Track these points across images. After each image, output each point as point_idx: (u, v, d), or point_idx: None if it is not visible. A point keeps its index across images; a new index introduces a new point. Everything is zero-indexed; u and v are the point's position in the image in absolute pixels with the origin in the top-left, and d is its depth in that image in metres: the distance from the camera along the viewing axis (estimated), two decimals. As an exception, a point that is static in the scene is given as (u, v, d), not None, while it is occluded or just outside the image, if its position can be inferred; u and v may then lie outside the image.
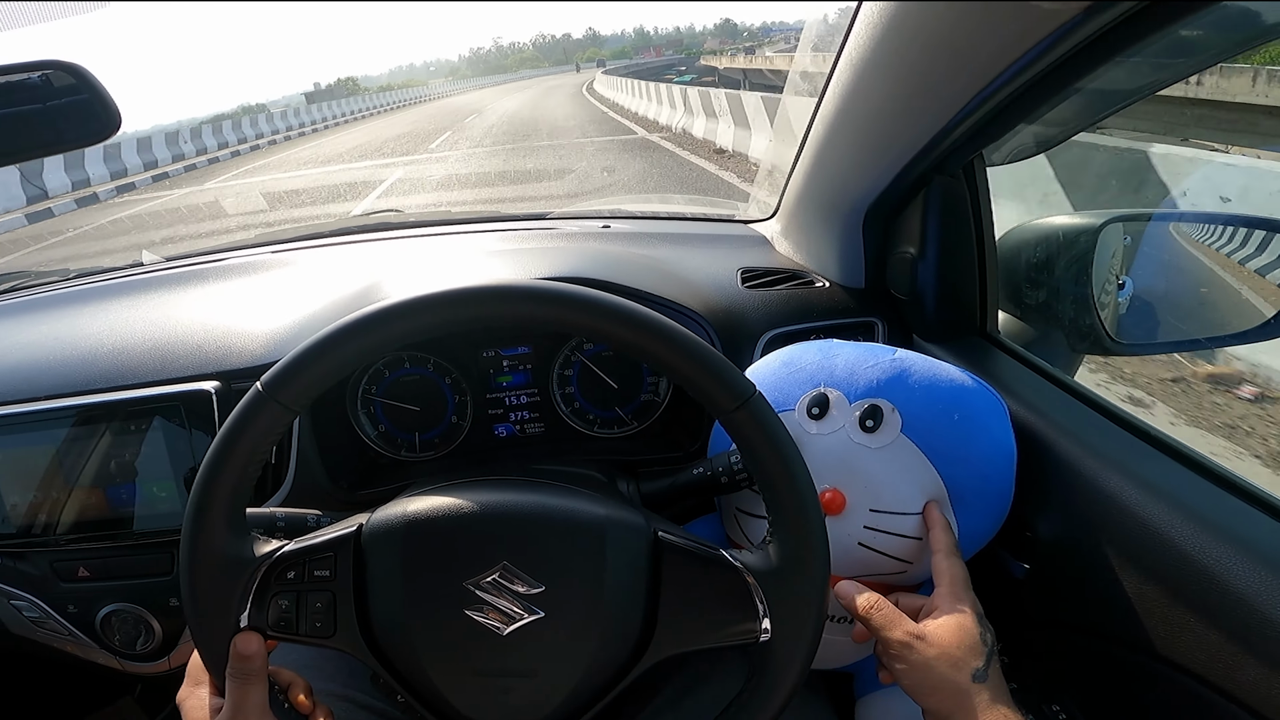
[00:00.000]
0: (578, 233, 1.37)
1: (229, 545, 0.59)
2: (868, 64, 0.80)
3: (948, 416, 0.76)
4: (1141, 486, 0.68)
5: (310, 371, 0.59)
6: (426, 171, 11.32)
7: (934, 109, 0.77)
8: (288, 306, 1.09)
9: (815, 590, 0.60)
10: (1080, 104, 0.75)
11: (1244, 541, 0.60)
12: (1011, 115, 0.75)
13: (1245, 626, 0.57)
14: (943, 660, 0.64)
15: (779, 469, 0.60)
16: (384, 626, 0.60)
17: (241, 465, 0.59)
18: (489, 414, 1.08)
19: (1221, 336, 1.04)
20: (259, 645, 0.59)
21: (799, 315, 1.03)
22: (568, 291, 0.60)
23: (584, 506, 0.62)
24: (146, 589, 1.02)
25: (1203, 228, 1.16)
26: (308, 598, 0.60)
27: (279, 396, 0.59)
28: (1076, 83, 0.67)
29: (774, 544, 0.60)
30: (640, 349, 0.60)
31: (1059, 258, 0.99)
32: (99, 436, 0.99)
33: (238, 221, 3.85)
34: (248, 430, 0.59)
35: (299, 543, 0.61)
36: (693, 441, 0.98)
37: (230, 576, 0.59)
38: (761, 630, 0.59)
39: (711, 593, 0.60)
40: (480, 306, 0.60)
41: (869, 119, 0.87)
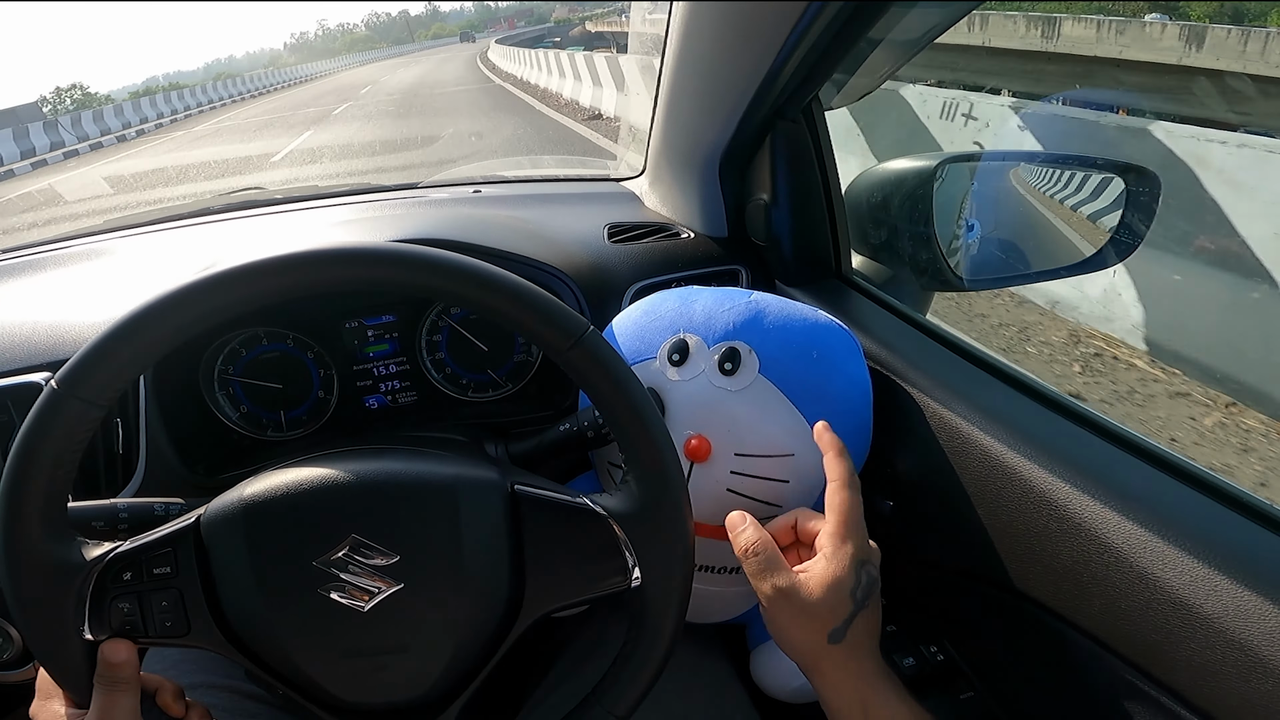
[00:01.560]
0: (447, 199, 1.32)
1: (50, 553, 0.53)
2: (691, 14, 0.80)
3: (805, 355, 0.76)
4: (984, 415, 0.69)
5: (111, 362, 0.53)
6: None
7: (756, 52, 0.77)
8: (130, 292, 1.00)
9: (678, 526, 0.58)
10: (896, 43, 0.77)
11: (1079, 466, 0.60)
12: (831, 57, 0.76)
13: (1086, 553, 0.57)
14: (803, 618, 0.62)
15: (622, 402, 0.57)
16: (240, 618, 0.56)
17: (48, 469, 0.52)
18: (358, 386, 1.03)
19: (1052, 270, 1.10)
20: (129, 652, 0.54)
21: (664, 267, 1.02)
22: (379, 250, 0.55)
23: (431, 467, 0.58)
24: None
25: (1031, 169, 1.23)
26: (151, 598, 0.55)
27: (78, 392, 0.52)
28: (881, 16, 0.68)
29: (631, 484, 0.58)
30: (466, 299, 0.56)
31: (903, 198, 1.02)
32: None
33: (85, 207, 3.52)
34: (49, 432, 0.52)
35: (132, 542, 0.55)
36: (565, 399, 0.96)
37: (58, 585, 0.53)
38: (632, 577, 0.57)
39: (576, 542, 0.58)
40: (282, 276, 0.54)
41: (703, 67, 0.86)
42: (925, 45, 0.78)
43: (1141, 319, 2.86)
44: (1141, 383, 2.61)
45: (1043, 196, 1.19)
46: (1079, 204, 1.17)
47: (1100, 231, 1.05)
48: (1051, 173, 1.16)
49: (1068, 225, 1.17)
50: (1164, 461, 0.61)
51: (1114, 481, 0.58)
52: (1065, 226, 1.16)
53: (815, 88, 0.84)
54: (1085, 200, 1.15)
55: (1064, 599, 0.60)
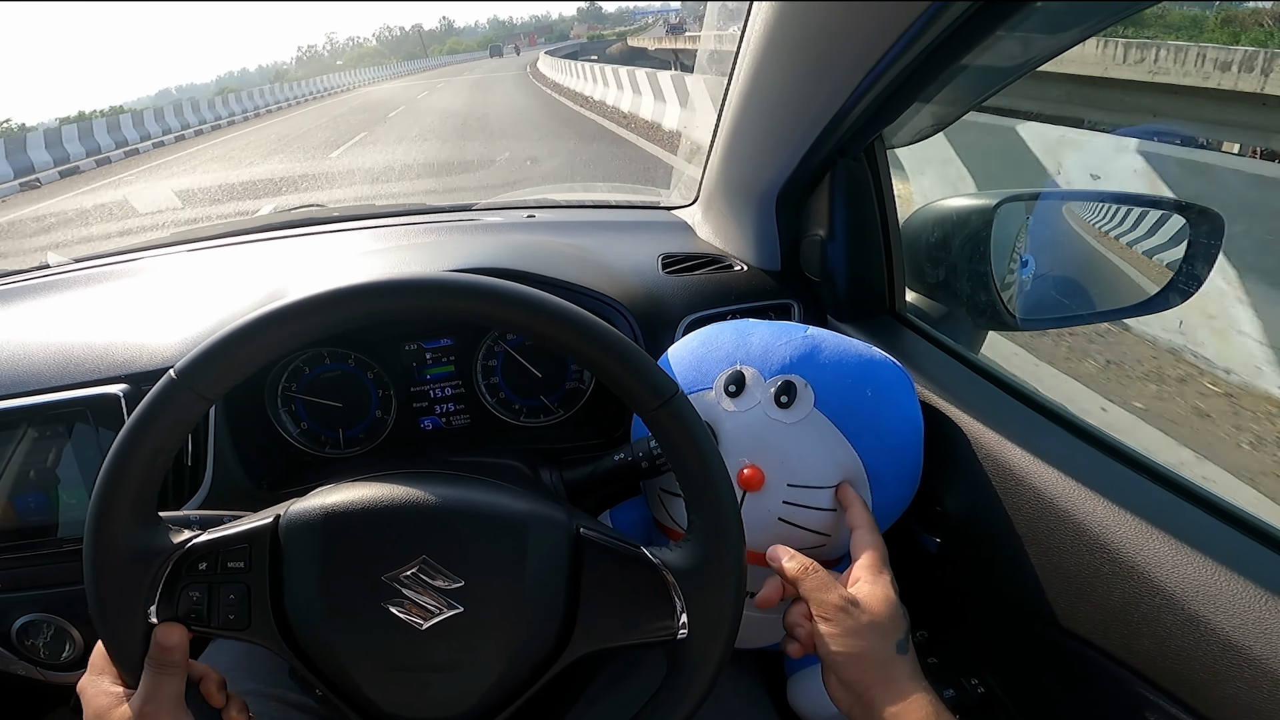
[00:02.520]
0: (501, 224, 1.35)
1: (136, 535, 0.57)
2: (765, 49, 0.81)
3: (859, 391, 0.78)
4: (1037, 458, 0.70)
5: (227, 359, 0.56)
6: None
7: (827, 92, 0.78)
8: (202, 306, 1.05)
9: (731, 589, 0.60)
10: (967, 83, 0.77)
11: (1134, 510, 0.61)
12: (903, 96, 0.77)
13: (1137, 595, 0.58)
14: (873, 628, 0.64)
15: (698, 469, 0.59)
16: (300, 620, 0.58)
17: (151, 453, 0.56)
18: (414, 407, 1.06)
19: (1111, 311, 1.09)
20: (181, 637, 0.57)
21: (717, 299, 1.03)
22: (488, 285, 0.59)
23: (506, 500, 0.61)
24: (62, 598, 0.97)
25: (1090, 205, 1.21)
26: (220, 590, 0.58)
27: (194, 384, 0.56)
28: (957, 61, 0.69)
29: (693, 542, 0.60)
30: (562, 344, 0.59)
31: (957, 238, 1.02)
32: (8, 445, 0.93)
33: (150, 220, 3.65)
34: (160, 418, 0.56)
35: (212, 533, 0.59)
36: (616, 428, 0.98)
37: (137, 567, 0.56)
38: (679, 627, 0.59)
39: (631, 590, 0.60)
40: (399, 299, 0.58)
41: (771, 104, 0.88)
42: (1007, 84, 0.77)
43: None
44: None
45: (1102, 235, 1.17)
46: (1138, 243, 1.15)
47: (1160, 272, 1.04)
48: (1112, 211, 1.14)
49: (1127, 266, 1.15)
50: (1216, 507, 0.62)
51: (1169, 527, 0.59)
52: (1124, 267, 1.15)
53: (881, 127, 0.86)
54: (1145, 239, 1.14)
55: (1113, 637, 0.62)
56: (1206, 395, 2.65)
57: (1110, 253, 1.22)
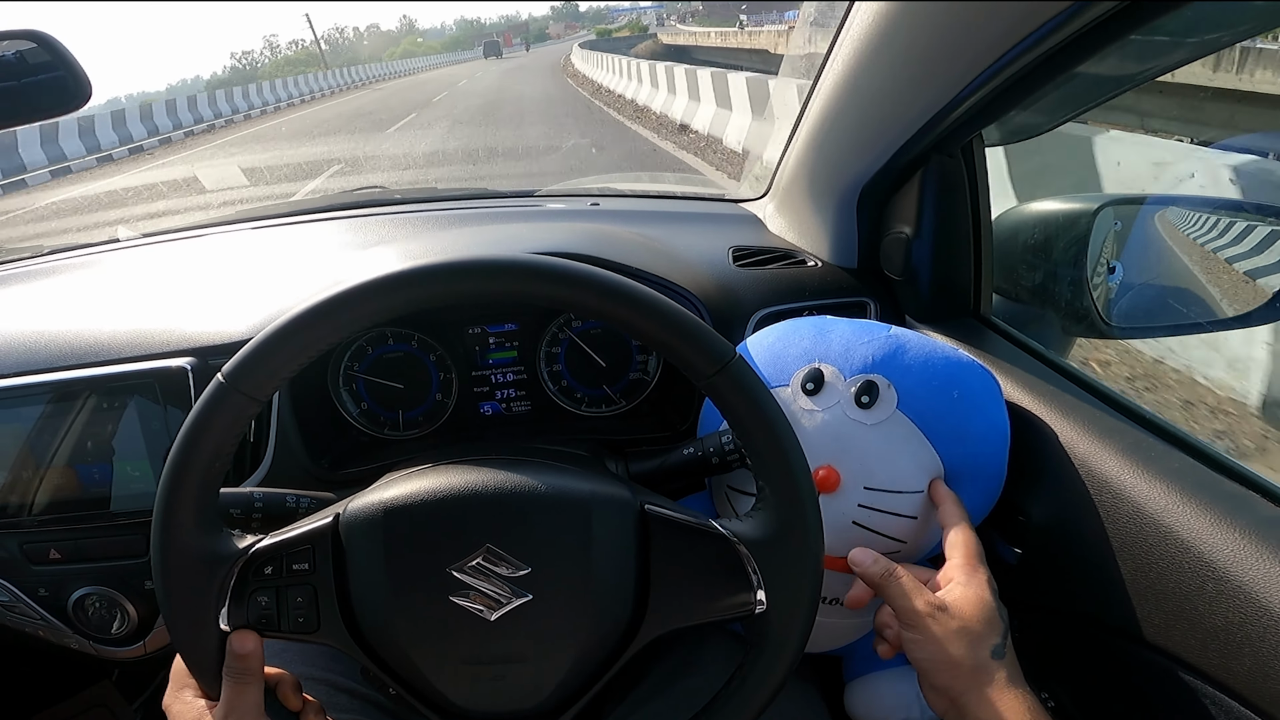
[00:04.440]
0: (565, 210, 1.35)
1: (201, 543, 0.57)
2: (869, 44, 0.78)
3: (945, 393, 0.76)
4: (1137, 471, 0.67)
5: (273, 359, 0.56)
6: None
7: (934, 90, 0.76)
8: (267, 283, 1.07)
9: (810, 557, 0.58)
10: (1080, 87, 0.74)
11: (1242, 528, 0.59)
12: (1012, 97, 0.74)
13: (1242, 615, 0.56)
14: (963, 635, 0.62)
15: (764, 432, 0.58)
16: (368, 618, 0.58)
17: (208, 460, 0.56)
18: (475, 392, 1.06)
19: (1208, 321, 1.04)
20: (255, 643, 0.57)
21: (791, 294, 1.01)
22: (537, 263, 0.57)
23: (567, 482, 0.60)
24: (120, 571, 0.99)
25: (1187, 216, 1.15)
26: (288, 593, 0.58)
27: (242, 387, 0.56)
28: (1075, 67, 0.66)
29: (764, 511, 0.59)
30: (616, 317, 0.58)
31: (1056, 241, 0.99)
32: (71, 414, 0.95)
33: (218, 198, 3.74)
34: (211, 424, 0.56)
35: (274, 537, 0.59)
36: (682, 421, 0.97)
37: (205, 575, 0.57)
38: (756, 602, 0.58)
39: (703, 565, 0.58)
40: (438, 284, 0.57)
41: (869, 99, 0.85)
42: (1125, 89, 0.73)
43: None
44: None
45: (1202, 246, 1.11)
46: (1243, 254, 1.08)
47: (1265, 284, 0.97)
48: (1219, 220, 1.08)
49: (1229, 276, 1.09)
50: None
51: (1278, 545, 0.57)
52: (1226, 277, 1.08)
53: (985, 125, 0.83)
54: (1252, 252, 1.07)
55: (1211, 657, 0.59)
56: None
57: (1210, 262, 1.15)
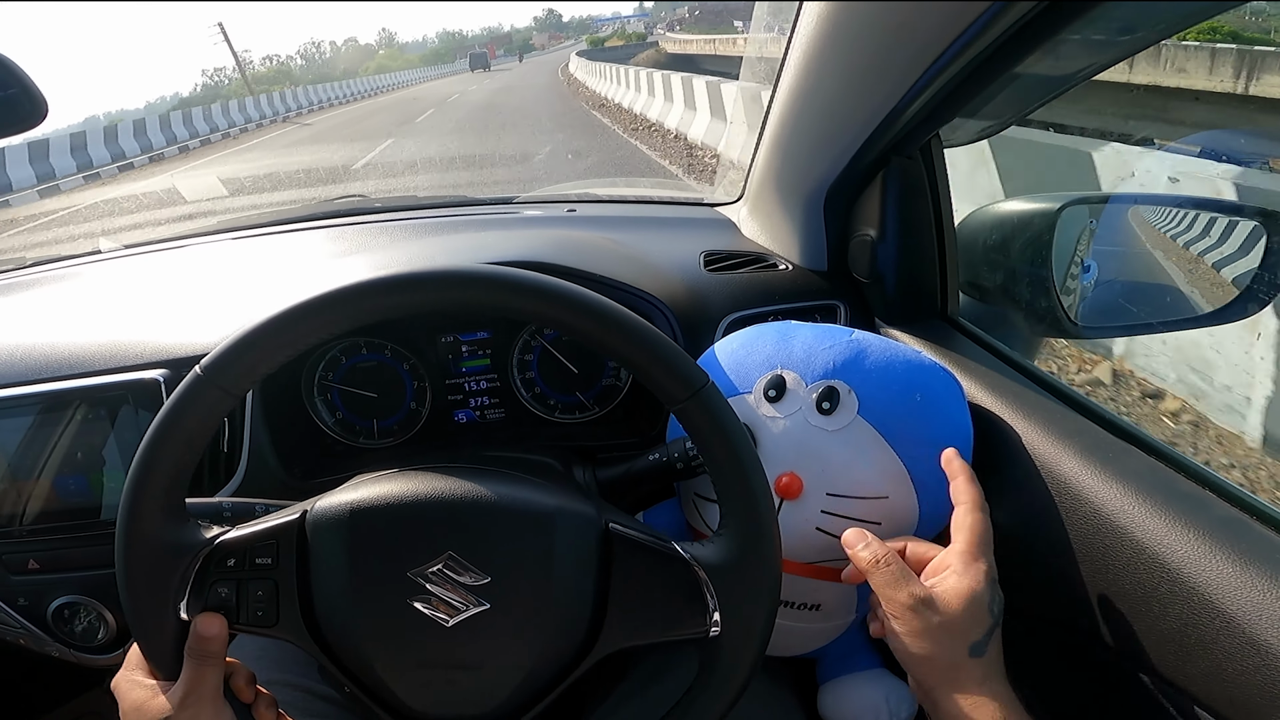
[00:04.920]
0: (542, 217, 1.36)
1: (166, 531, 0.58)
2: (817, 47, 0.79)
3: (907, 398, 0.76)
4: (1095, 472, 0.68)
5: (251, 355, 0.58)
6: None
7: (884, 88, 0.77)
8: (243, 293, 1.08)
9: (766, 586, 0.59)
10: (1029, 84, 0.75)
11: (1197, 529, 0.59)
12: (962, 95, 0.75)
13: (1196, 616, 0.57)
14: (943, 630, 0.62)
15: (730, 461, 0.59)
16: (327, 616, 0.59)
17: (180, 450, 0.57)
18: (449, 400, 1.07)
19: (1176, 320, 1.05)
20: (221, 627, 0.58)
21: (760, 298, 1.02)
22: (515, 276, 0.59)
23: (533, 496, 0.61)
24: (98, 580, 1.00)
25: (1158, 212, 1.16)
26: (249, 586, 0.59)
27: (219, 380, 0.57)
28: (1020, 63, 0.67)
29: (725, 537, 0.60)
30: (590, 336, 0.59)
31: (1017, 240, 0.99)
32: (46, 426, 0.96)
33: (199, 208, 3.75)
34: (186, 414, 0.57)
35: (240, 529, 0.60)
36: (652, 427, 0.98)
37: (168, 562, 0.58)
38: (711, 625, 0.59)
39: (662, 586, 0.60)
40: (421, 292, 0.58)
41: (824, 100, 0.86)
42: (1072, 86, 0.74)
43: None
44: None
45: (1170, 242, 1.12)
46: (1210, 251, 1.09)
47: (1232, 282, 0.98)
48: (1183, 217, 1.09)
49: (1196, 274, 1.10)
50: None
51: (1233, 545, 0.57)
52: (1194, 275, 1.09)
53: (938, 126, 0.84)
54: (1218, 247, 1.08)
55: (1167, 658, 0.60)
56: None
57: (1178, 259, 1.16)
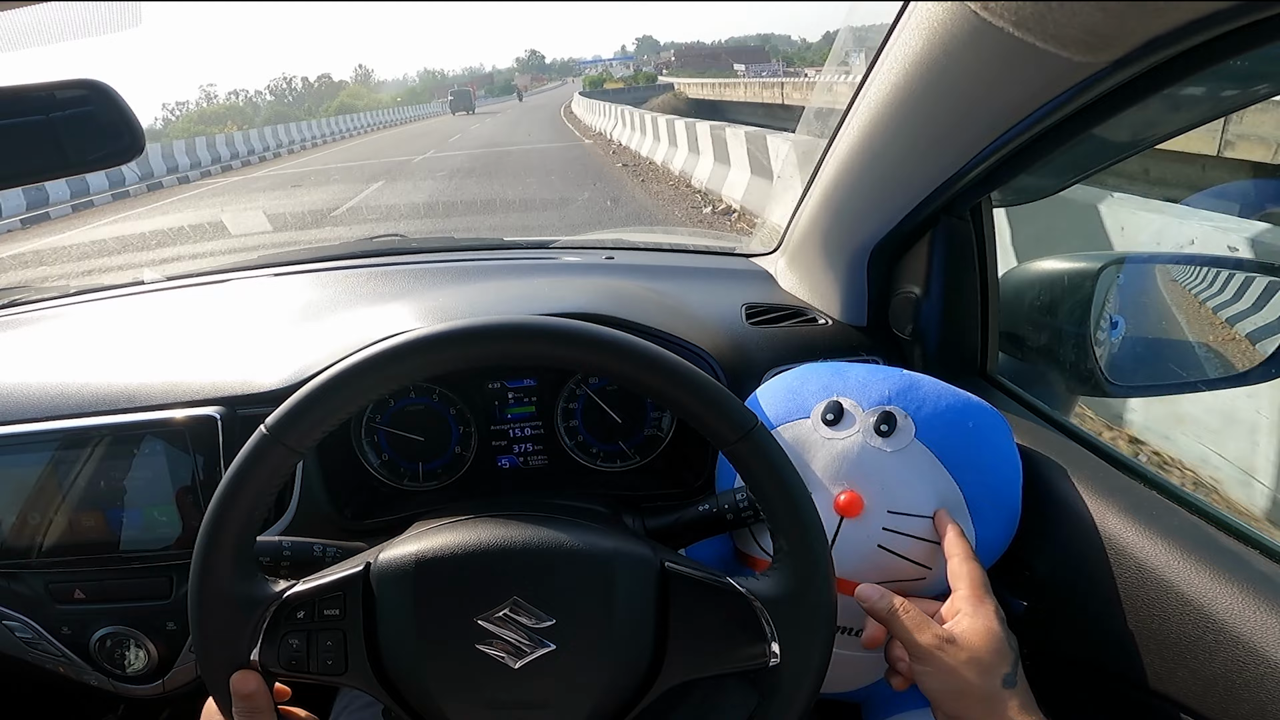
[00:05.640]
0: (581, 264, 1.39)
1: (238, 586, 0.61)
2: (887, 108, 0.81)
3: (960, 425, 0.80)
4: (1139, 528, 0.70)
5: (315, 413, 0.61)
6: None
7: (952, 152, 0.80)
8: (292, 332, 1.11)
9: (823, 614, 0.62)
10: (1088, 151, 0.78)
11: (1240, 582, 0.62)
12: (1023, 160, 0.78)
13: (1240, 662, 0.59)
14: (973, 665, 0.64)
15: (782, 499, 0.62)
16: (395, 663, 0.61)
17: (249, 507, 0.61)
18: (493, 445, 1.09)
19: (1211, 380, 1.06)
20: (258, 683, 0.60)
21: (802, 353, 1.05)
22: (575, 329, 0.63)
23: (592, 539, 0.63)
24: (142, 612, 1.01)
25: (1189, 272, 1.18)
26: (318, 637, 0.61)
27: (285, 439, 0.60)
28: (1087, 132, 0.70)
29: (780, 571, 0.63)
30: (642, 383, 0.63)
31: (1059, 299, 1.03)
32: (99, 459, 0.98)
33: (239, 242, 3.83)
34: (254, 473, 0.60)
35: (307, 583, 0.62)
36: (696, 478, 1.00)
37: (241, 617, 0.61)
38: (770, 655, 0.61)
39: (720, 620, 0.62)
40: (486, 345, 0.62)
41: (885, 159, 0.89)
42: (1136, 152, 0.76)
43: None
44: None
45: (1198, 302, 1.14)
46: (1244, 313, 1.11)
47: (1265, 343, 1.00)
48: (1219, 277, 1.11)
49: (1229, 335, 1.11)
50: None
51: (1277, 599, 0.60)
52: (1230, 336, 1.11)
53: (996, 187, 0.88)
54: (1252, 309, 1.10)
55: (1211, 702, 0.62)
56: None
57: (1209, 320, 1.18)
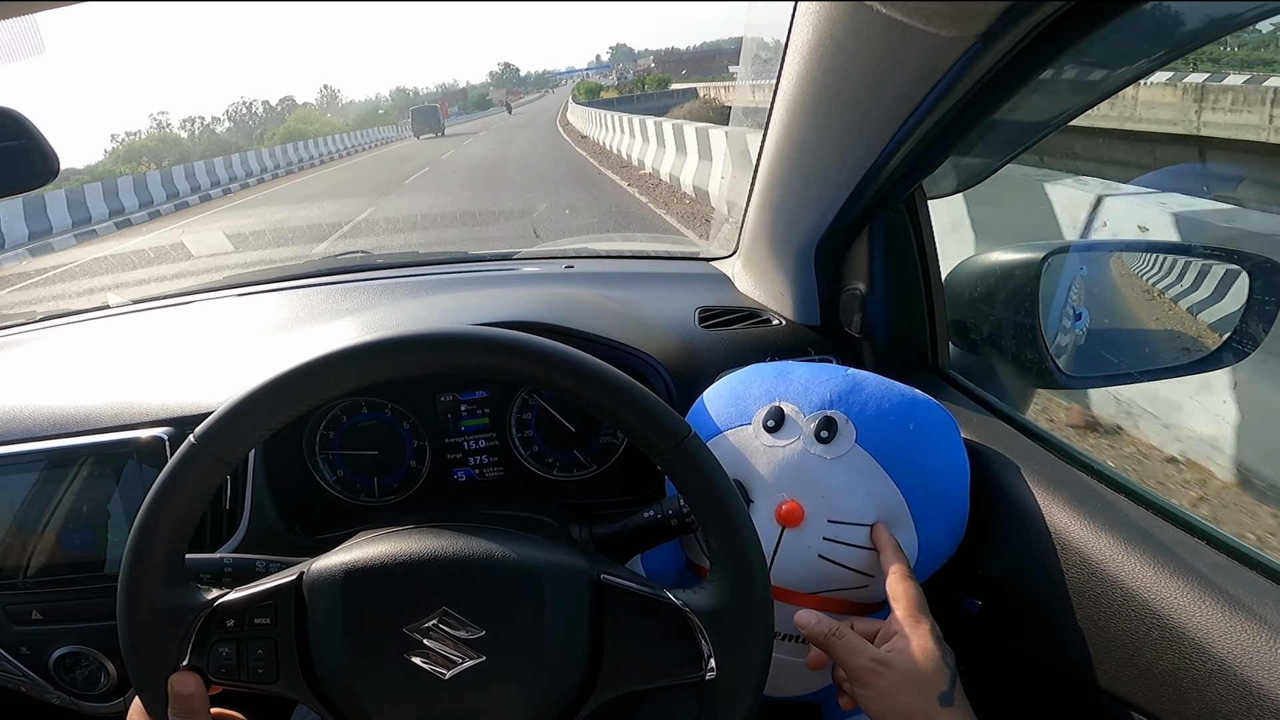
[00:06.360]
0: (540, 274, 1.40)
1: (167, 594, 0.61)
2: (798, 100, 0.83)
3: (902, 427, 0.80)
4: (1086, 521, 0.71)
5: (243, 422, 0.61)
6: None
7: (863, 141, 0.81)
8: (247, 352, 1.11)
9: (760, 628, 0.62)
10: (1006, 133, 0.79)
11: (1185, 575, 0.62)
12: (942, 146, 0.79)
13: (1188, 660, 0.59)
14: (909, 684, 0.65)
15: (716, 509, 0.62)
16: (327, 672, 0.61)
17: (177, 516, 0.61)
18: (448, 458, 1.09)
19: (1161, 369, 1.06)
20: (197, 684, 0.60)
21: (755, 354, 1.05)
22: (501, 338, 0.63)
23: (524, 550, 0.63)
24: (100, 631, 1.01)
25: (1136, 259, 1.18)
26: (249, 645, 0.61)
27: (213, 448, 0.60)
28: (994, 111, 0.71)
29: (715, 583, 0.63)
30: (572, 392, 0.62)
31: (1002, 291, 1.03)
32: (52, 482, 0.99)
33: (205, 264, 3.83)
34: (181, 482, 0.60)
35: (239, 591, 0.62)
36: (649, 484, 1.00)
37: (169, 625, 0.61)
38: (707, 669, 0.61)
39: (655, 633, 0.62)
40: (408, 355, 0.62)
41: (808, 153, 0.90)
42: (1050, 133, 0.77)
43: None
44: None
45: (1153, 290, 1.14)
46: (1193, 299, 1.11)
47: (1215, 330, 1.00)
48: (1166, 263, 1.11)
49: (1180, 322, 1.12)
50: (1272, 570, 0.62)
51: (1222, 591, 0.60)
52: (1177, 324, 1.11)
53: (921, 178, 0.90)
54: (1201, 295, 1.10)
55: (1161, 701, 0.62)
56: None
57: (1160, 307, 1.19)
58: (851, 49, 0.70)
